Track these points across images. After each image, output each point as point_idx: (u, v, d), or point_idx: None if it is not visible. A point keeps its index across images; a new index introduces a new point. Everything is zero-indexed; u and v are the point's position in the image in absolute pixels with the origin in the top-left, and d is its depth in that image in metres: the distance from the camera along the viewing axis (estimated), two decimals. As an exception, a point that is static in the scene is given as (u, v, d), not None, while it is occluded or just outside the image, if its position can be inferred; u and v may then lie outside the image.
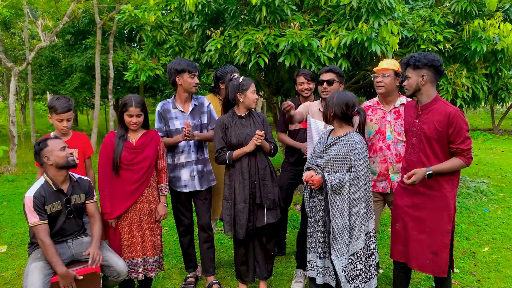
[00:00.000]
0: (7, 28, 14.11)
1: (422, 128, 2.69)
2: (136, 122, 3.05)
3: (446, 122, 2.60)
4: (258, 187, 3.11)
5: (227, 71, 3.68)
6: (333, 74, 3.34)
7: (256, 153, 3.13)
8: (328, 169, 2.85)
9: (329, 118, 2.87)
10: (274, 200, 3.17)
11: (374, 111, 3.28)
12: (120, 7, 6.31)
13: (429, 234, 2.72)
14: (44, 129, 17.19)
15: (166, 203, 3.23)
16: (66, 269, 2.66)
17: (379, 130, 3.22)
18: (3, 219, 5.67)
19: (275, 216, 3.20)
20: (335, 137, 2.87)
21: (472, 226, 4.89)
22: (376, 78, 3.20)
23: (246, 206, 3.09)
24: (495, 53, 4.73)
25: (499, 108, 18.21)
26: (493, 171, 7.99)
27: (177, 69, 3.32)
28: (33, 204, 2.66)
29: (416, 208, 2.76)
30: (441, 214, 2.71)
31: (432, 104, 2.70)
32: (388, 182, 3.22)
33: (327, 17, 4.79)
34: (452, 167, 2.65)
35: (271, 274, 3.39)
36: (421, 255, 2.75)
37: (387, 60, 3.23)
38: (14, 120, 9.34)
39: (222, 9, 4.80)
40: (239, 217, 3.10)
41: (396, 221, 2.89)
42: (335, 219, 2.79)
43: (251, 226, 3.12)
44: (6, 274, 3.93)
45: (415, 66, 2.68)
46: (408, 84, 2.74)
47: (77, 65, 12.19)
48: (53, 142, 2.77)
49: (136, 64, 5.15)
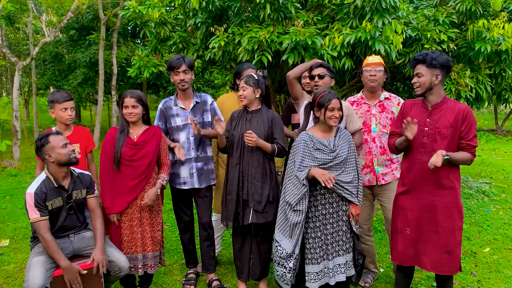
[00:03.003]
0: (12, 23, 14.11)
1: (436, 127, 2.69)
2: (131, 112, 3.05)
3: (460, 118, 2.64)
4: (246, 184, 3.09)
5: (243, 67, 3.72)
6: (324, 68, 3.36)
7: (251, 149, 3.09)
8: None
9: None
10: (260, 202, 3.06)
11: (359, 105, 3.41)
12: (124, 3, 6.32)
13: (443, 233, 2.71)
14: (47, 124, 17.23)
15: (160, 190, 3.16)
16: (70, 263, 2.67)
17: (364, 123, 3.34)
18: (6, 213, 5.70)
19: (264, 218, 3.09)
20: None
21: (473, 227, 4.89)
22: (369, 72, 3.29)
23: (233, 198, 3.11)
24: (499, 53, 4.71)
25: (503, 109, 18.13)
26: (495, 172, 7.97)
27: (167, 67, 3.43)
28: (34, 200, 2.67)
29: (429, 208, 2.74)
30: (452, 212, 2.72)
31: (443, 103, 2.72)
32: (373, 174, 3.32)
33: (331, 15, 4.78)
34: (462, 159, 2.67)
35: (264, 275, 3.33)
36: (436, 256, 2.73)
37: (374, 56, 3.36)
38: (17, 115, 9.37)
39: (226, 7, 4.80)
40: (227, 208, 3.16)
41: (407, 226, 2.81)
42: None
43: (240, 220, 3.12)
44: (8, 268, 3.95)
45: (431, 64, 2.64)
46: (421, 82, 2.69)
47: (81, 60, 12.21)
48: (55, 139, 2.77)
49: (140, 61, 5.16)
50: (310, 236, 2.88)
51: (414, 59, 2.75)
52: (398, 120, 2.94)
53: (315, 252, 2.87)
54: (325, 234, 2.89)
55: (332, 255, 2.91)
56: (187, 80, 3.36)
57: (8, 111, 18.09)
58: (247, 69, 3.68)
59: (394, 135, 2.96)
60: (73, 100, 3.24)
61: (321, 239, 2.88)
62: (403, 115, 2.89)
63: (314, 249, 2.87)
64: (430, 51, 2.70)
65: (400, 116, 2.92)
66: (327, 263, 2.90)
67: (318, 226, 2.89)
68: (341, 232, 2.92)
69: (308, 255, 2.87)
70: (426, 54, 2.68)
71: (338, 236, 2.92)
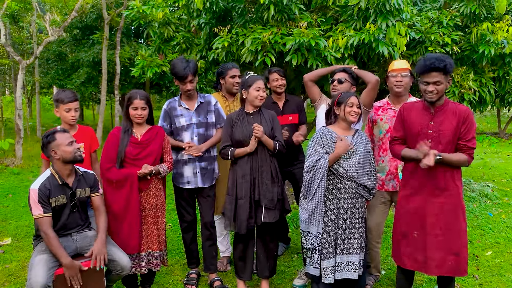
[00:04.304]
0: (16, 21, 14.17)
1: (439, 129, 2.68)
2: (141, 114, 3.07)
3: (461, 119, 2.64)
4: (258, 184, 3.11)
5: (226, 67, 3.76)
6: (345, 74, 3.36)
7: (258, 150, 3.12)
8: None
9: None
10: (272, 200, 3.13)
11: (385, 110, 3.34)
12: (128, 3, 6.34)
13: (449, 235, 2.70)
14: (50, 123, 17.29)
15: (155, 171, 3.09)
16: (71, 260, 2.68)
17: (390, 129, 3.24)
18: (8, 211, 5.71)
19: (274, 216, 3.15)
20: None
21: (475, 230, 4.88)
22: (395, 77, 3.23)
23: (246, 201, 3.10)
24: (503, 56, 4.71)
25: (506, 112, 18.09)
26: (498, 175, 7.95)
27: (171, 72, 3.42)
28: (37, 196, 2.69)
29: (434, 211, 2.73)
30: (457, 213, 2.71)
31: (445, 105, 2.71)
32: (397, 181, 3.25)
33: (334, 17, 4.78)
34: (459, 160, 2.66)
35: (273, 273, 3.38)
36: (444, 259, 2.71)
37: (401, 60, 3.28)
38: (20, 113, 9.40)
39: (230, 7, 4.81)
40: (239, 213, 3.11)
41: (415, 230, 2.79)
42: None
43: (252, 222, 3.13)
44: (11, 266, 3.96)
45: (448, 72, 2.60)
46: (440, 89, 2.62)
47: (84, 60, 12.25)
48: (61, 136, 2.78)
49: (143, 60, 5.17)
50: (324, 230, 2.91)
51: (431, 66, 2.59)
52: (398, 124, 2.90)
53: (330, 246, 2.90)
54: (337, 229, 2.92)
55: (343, 251, 2.92)
56: (193, 87, 3.40)
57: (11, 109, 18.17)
58: (232, 69, 3.71)
59: (396, 139, 2.92)
60: (78, 100, 3.23)
61: (335, 232, 2.92)
62: (403, 119, 2.86)
63: (329, 243, 2.90)
64: (441, 56, 2.61)
65: (400, 120, 2.88)
66: (340, 258, 2.91)
67: (333, 219, 2.92)
68: (353, 229, 2.93)
69: (323, 250, 2.90)
70: (443, 61, 2.56)
71: (350, 234, 2.93)
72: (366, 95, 3.31)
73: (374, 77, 3.28)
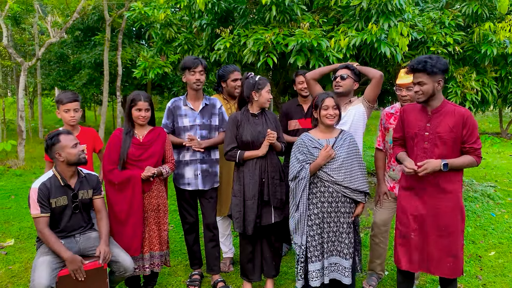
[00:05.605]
0: (18, 23, 14.20)
1: (436, 131, 2.67)
2: (144, 116, 3.07)
3: (461, 123, 2.62)
4: (267, 185, 3.11)
5: (228, 70, 3.75)
6: (348, 70, 3.35)
7: (267, 153, 3.13)
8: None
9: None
10: (281, 199, 3.17)
11: (397, 119, 3.30)
12: (130, 4, 6.35)
13: (448, 237, 2.70)
14: (52, 124, 17.32)
15: (157, 173, 3.09)
16: (72, 253, 2.69)
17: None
18: (11, 212, 5.72)
19: (283, 215, 3.20)
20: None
21: (478, 230, 4.86)
22: (401, 92, 3.24)
23: (255, 202, 3.10)
24: (505, 56, 4.70)
25: (508, 112, 18.05)
26: (500, 175, 7.93)
27: (181, 67, 3.41)
28: (37, 195, 2.70)
29: (432, 212, 2.73)
30: (456, 215, 2.71)
31: (443, 107, 2.70)
32: None
33: (336, 17, 4.78)
34: (464, 162, 2.66)
35: (278, 272, 3.40)
36: (443, 260, 2.72)
37: (404, 76, 3.21)
38: (23, 115, 9.42)
39: (231, 8, 4.81)
40: (248, 213, 3.11)
41: (412, 231, 2.79)
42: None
43: (258, 222, 3.13)
44: (14, 267, 3.97)
45: (433, 72, 2.59)
46: (424, 90, 2.63)
47: (86, 61, 12.27)
48: (66, 138, 2.79)
49: (145, 62, 5.18)
50: (309, 234, 2.91)
51: (412, 68, 2.64)
52: (399, 125, 2.92)
53: (315, 250, 2.89)
54: (323, 233, 2.91)
55: (332, 254, 2.91)
56: (202, 80, 3.40)
57: (13, 111, 18.20)
58: (233, 72, 3.71)
59: (396, 140, 2.95)
60: (77, 101, 3.21)
61: (321, 236, 2.91)
62: (402, 120, 2.87)
63: (314, 247, 2.89)
64: (427, 57, 2.62)
65: (400, 121, 2.90)
66: (327, 262, 2.91)
67: (318, 223, 2.90)
68: (339, 234, 2.91)
69: (308, 253, 2.90)
70: (424, 62, 2.59)
71: (336, 238, 2.91)
72: (370, 90, 3.31)
73: (378, 73, 3.26)
